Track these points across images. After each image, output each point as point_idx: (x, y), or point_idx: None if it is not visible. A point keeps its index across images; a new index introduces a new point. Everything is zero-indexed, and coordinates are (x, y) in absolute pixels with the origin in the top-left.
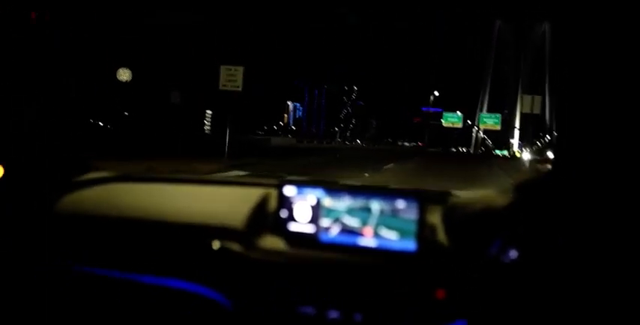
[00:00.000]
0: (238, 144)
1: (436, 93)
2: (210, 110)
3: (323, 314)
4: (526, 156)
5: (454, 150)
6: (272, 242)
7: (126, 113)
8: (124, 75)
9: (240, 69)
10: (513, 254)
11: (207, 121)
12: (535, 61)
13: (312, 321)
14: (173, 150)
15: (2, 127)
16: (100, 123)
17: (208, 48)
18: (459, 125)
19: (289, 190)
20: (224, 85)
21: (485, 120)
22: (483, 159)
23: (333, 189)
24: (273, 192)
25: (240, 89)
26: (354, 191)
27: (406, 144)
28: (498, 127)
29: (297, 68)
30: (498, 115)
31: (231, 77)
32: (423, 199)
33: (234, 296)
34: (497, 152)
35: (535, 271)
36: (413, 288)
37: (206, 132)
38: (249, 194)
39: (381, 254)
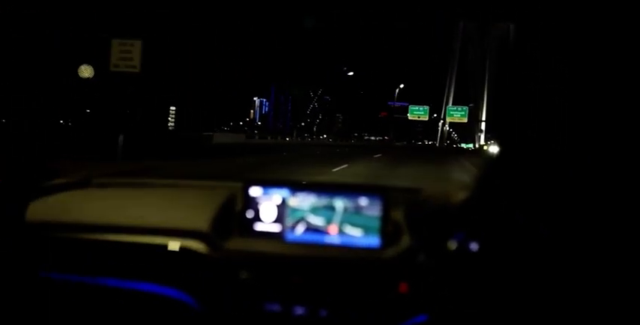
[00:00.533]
0: (161, 144)
1: (402, 86)
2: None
3: (289, 311)
4: (493, 149)
5: (419, 143)
6: (237, 242)
7: (87, 110)
8: (86, 72)
9: (138, 43)
10: (474, 246)
11: (172, 118)
12: (501, 53)
13: (279, 318)
14: (89, 151)
15: None
16: (62, 121)
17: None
18: (425, 118)
19: (255, 191)
20: (116, 65)
21: (452, 112)
22: (449, 153)
23: (299, 188)
24: (240, 193)
25: (137, 70)
26: (318, 190)
27: (372, 138)
28: (465, 120)
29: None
30: (465, 108)
31: (126, 54)
32: (386, 196)
33: (200, 297)
34: (463, 145)
35: (495, 263)
36: (377, 283)
37: (170, 129)
38: (216, 196)
39: (346, 251)
